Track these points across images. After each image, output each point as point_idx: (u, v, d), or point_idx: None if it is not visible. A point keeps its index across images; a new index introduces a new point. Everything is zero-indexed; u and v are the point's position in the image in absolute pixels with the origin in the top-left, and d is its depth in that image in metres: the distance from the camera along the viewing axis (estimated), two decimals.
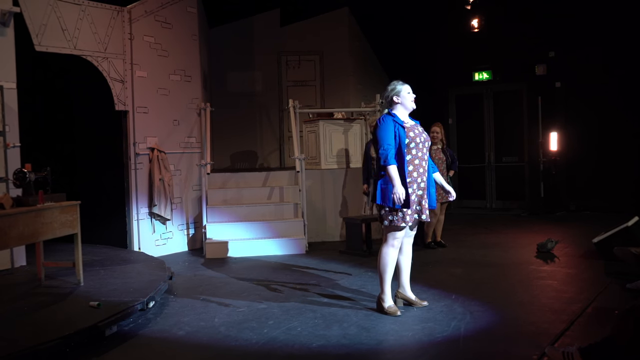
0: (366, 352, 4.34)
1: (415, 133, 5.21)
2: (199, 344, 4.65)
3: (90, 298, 5.46)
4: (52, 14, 7.42)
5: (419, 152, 5.20)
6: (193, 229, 9.09)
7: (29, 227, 5.47)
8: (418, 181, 5.21)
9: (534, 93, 12.43)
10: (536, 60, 12.29)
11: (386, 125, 5.19)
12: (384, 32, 12.66)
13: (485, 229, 10.21)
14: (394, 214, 5.13)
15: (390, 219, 5.15)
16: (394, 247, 5.28)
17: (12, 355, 4.08)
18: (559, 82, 12.14)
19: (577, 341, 4.17)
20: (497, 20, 12.44)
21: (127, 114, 8.27)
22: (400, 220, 5.13)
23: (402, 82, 5.38)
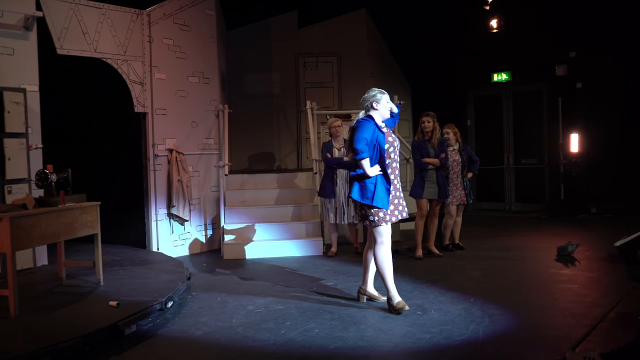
0: (383, 354, 4.35)
1: (392, 138, 5.56)
2: (216, 344, 4.69)
3: (110, 298, 5.53)
4: (74, 18, 7.53)
5: (395, 155, 5.54)
6: (211, 230, 9.15)
7: (50, 227, 5.54)
8: (395, 183, 5.51)
9: (554, 94, 12.33)
10: (556, 60, 12.17)
11: (367, 126, 5.41)
12: (402, 33, 12.64)
13: (504, 232, 10.16)
14: (374, 213, 5.38)
15: (371, 219, 5.41)
16: (384, 245, 5.49)
17: (35, 353, 4.16)
18: (580, 82, 12.00)
19: (599, 346, 4.14)
20: (517, 20, 12.33)
21: (146, 116, 8.35)
22: (381, 220, 5.39)
23: (381, 90, 5.61)
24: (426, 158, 7.89)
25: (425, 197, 7.95)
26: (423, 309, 5.46)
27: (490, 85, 13.23)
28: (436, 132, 7.95)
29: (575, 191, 12.04)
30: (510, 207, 13.11)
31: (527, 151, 12.93)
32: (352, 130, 5.57)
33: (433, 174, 7.92)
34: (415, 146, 8.04)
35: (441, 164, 7.93)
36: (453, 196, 8.28)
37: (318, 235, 8.60)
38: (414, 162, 8.10)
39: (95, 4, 7.78)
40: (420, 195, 7.93)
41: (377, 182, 5.38)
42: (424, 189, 7.89)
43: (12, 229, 5.01)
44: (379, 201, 5.34)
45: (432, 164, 7.87)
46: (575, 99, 12.08)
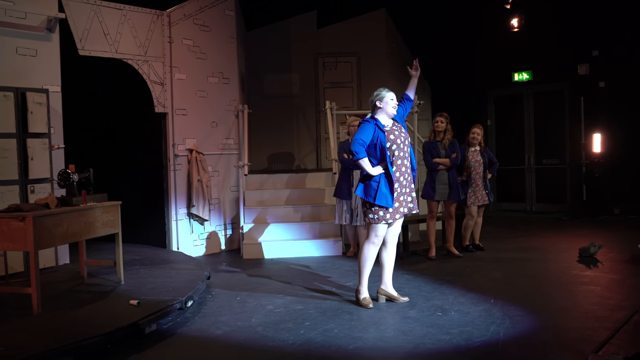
0: (403, 355, 4.33)
1: (395, 135, 5.54)
2: (236, 344, 4.70)
3: (131, 296, 5.58)
4: (95, 19, 7.60)
5: (400, 152, 5.51)
6: (230, 229, 9.18)
7: (72, 226, 5.60)
8: (401, 180, 5.51)
9: (576, 93, 12.20)
10: (579, 59, 12.03)
11: (366, 127, 5.55)
12: (421, 33, 12.58)
13: (525, 233, 10.08)
14: (374, 211, 5.46)
15: (372, 217, 5.50)
16: (374, 245, 5.60)
17: (57, 350, 4.20)
18: (602, 82, 11.85)
19: (622, 350, 4.10)
20: (538, 19, 12.22)
21: (167, 116, 8.40)
22: (381, 219, 5.46)
23: (388, 89, 5.71)
24: (437, 158, 7.87)
25: (437, 199, 7.94)
26: (443, 309, 5.43)
27: (510, 85, 13.14)
28: (448, 133, 7.95)
29: (598, 192, 11.89)
30: (531, 207, 13.00)
31: (549, 151, 12.82)
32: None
33: (444, 175, 7.90)
34: (426, 147, 8.04)
35: (452, 164, 7.91)
36: (475, 197, 8.23)
37: (337, 235, 8.60)
38: (425, 163, 8.08)
39: (116, 5, 7.85)
40: (432, 197, 7.91)
41: (380, 181, 5.44)
42: (435, 190, 7.87)
43: (35, 228, 5.07)
44: (382, 200, 5.42)
45: (442, 164, 7.85)
46: (598, 98, 11.93)
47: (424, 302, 5.73)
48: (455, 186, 7.92)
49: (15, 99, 6.72)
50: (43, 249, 5.64)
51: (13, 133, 6.71)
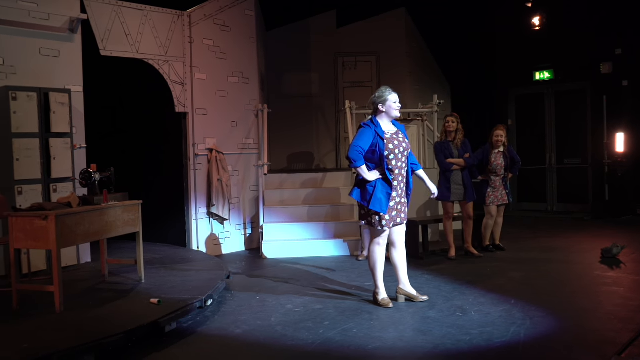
0: (422, 355, 4.31)
1: (394, 144, 5.48)
2: (255, 343, 4.71)
3: (151, 295, 5.61)
4: (117, 20, 7.67)
5: (398, 162, 5.49)
6: (250, 229, 9.21)
7: (93, 225, 5.65)
8: (397, 189, 5.52)
9: (598, 92, 12.03)
10: (601, 58, 11.87)
11: (365, 133, 5.49)
12: (442, 32, 12.53)
13: (546, 233, 9.98)
14: (371, 216, 5.48)
15: (369, 220, 5.52)
16: (379, 245, 5.61)
17: (79, 348, 4.24)
18: (625, 80, 11.69)
19: None
20: (559, 18, 12.10)
21: (187, 116, 8.45)
22: (377, 224, 5.47)
23: (391, 90, 5.59)
24: (450, 159, 7.83)
25: (452, 200, 7.90)
26: (463, 310, 5.40)
27: (532, 84, 13.02)
28: (460, 132, 7.91)
29: (621, 192, 11.73)
30: (552, 207, 12.87)
31: (570, 151, 12.67)
32: None
33: (458, 175, 7.86)
34: (438, 148, 7.97)
35: (466, 165, 7.87)
36: (494, 196, 8.17)
37: (356, 235, 8.58)
38: (438, 163, 8.02)
39: (137, 6, 7.91)
40: (447, 198, 7.86)
41: (376, 186, 5.44)
42: (450, 190, 7.83)
43: (57, 226, 5.13)
44: (377, 205, 5.40)
45: (456, 164, 7.81)
46: (621, 97, 11.77)
47: (444, 302, 5.69)
48: (469, 186, 7.88)
49: (38, 99, 6.80)
50: (65, 248, 5.68)
51: (36, 133, 6.79)
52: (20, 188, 6.67)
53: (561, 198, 12.80)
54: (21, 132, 6.68)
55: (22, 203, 6.47)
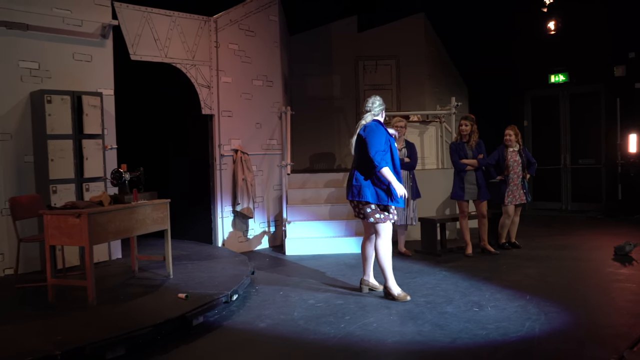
0: (440, 349, 4.30)
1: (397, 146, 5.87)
2: (279, 336, 4.73)
3: (179, 290, 5.66)
4: (146, 25, 7.72)
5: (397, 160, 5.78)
6: (274, 226, 9.22)
7: (124, 222, 5.71)
8: None
9: (612, 94, 11.90)
10: (615, 61, 11.75)
11: (380, 132, 5.68)
12: (459, 36, 12.47)
13: (561, 231, 9.87)
14: (383, 212, 5.65)
15: (378, 217, 5.66)
16: (389, 240, 5.77)
17: (111, 340, 4.30)
18: (639, 83, 11.56)
19: None
20: (574, 22, 11.97)
21: (213, 118, 8.48)
22: (386, 218, 5.68)
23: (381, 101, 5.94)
24: (464, 159, 7.79)
25: (467, 199, 7.88)
26: (479, 305, 5.37)
27: (547, 87, 12.91)
28: (474, 134, 7.91)
29: (633, 191, 11.57)
30: (566, 206, 12.74)
31: (584, 151, 12.53)
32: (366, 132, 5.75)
33: (472, 175, 7.84)
34: (453, 148, 7.97)
35: (480, 165, 7.84)
36: (512, 196, 8.10)
37: None
38: (453, 163, 8.00)
39: (166, 12, 7.96)
40: (462, 197, 7.86)
41: (390, 184, 5.57)
42: (464, 190, 7.81)
43: (89, 224, 5.19)
44: (399, 201, 5.61)
45: (470, 164, 7.79)
46: (634, 99, 11.62)
47: (461, 298, 5.67)
48: (483, 186, 7.86)
49: (71, 102, 6.88)
50: (97, 244, 5.74)
51: (70, 134, 6.87)
52: (55, 187, 6.75)
53: (575, 197, 12.67)
54: (55, 134, 6.77)
55: (56, 202, 6.55)
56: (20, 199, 6.33)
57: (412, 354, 4.23)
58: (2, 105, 6.75)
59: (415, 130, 9.77)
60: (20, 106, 6.87)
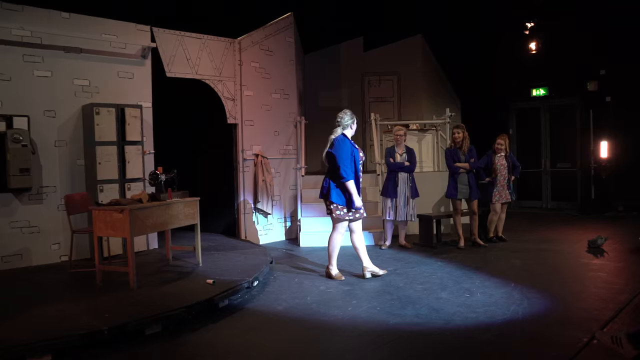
0: (436, 329, 4.32)
1: (362, 154, 6.00)
2: (294, 317, 4.76)
3: (207, 276, 5.71)
4: (179, 47, 7.79)
5: (360, 167, 5.97)
6: (290, 221, 9.25)
7: (160, 217, 5.77)
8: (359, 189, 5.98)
9: (586, 107, 11.91)
10: (588, 77, 11.78)
11: (346, 147, 5.89)
12: (452, 55, 12.45)
13: (541, 227, 9.83)
14: (342, 211, 5.90)
15: (339, 214, 5.93)
16: (341, 234, 6.08)
17: (149, 318, 4.37)
18: (609, 97, 11.56)
19: (625, 327, 4.02)
20: (553, 43, 12.03)
21: (237, 126, 8.53)
22: (345, 216, 5.92)
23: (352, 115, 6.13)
24: (458, 163, 7.81)
25: (459, 197, 7.88)
26: (470, 292, 5.38)
27: (529, 100, 12.90)
28: (466, 140, 7.91)
29: (605, 191, 11.56)
30: (546, 205, 12.69)
31: (562, 156, 12.51)
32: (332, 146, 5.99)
33: (464, 177, 7.85)
34: (448, 154, 7.99)
35: (471, 168, 7.85)
36: (499, 195, 8.11)
37: (380, 227, 8.57)
38: (448, 167, 8.02)
39: (197, 35, 8.02)
40: (454, 196, 7.87)
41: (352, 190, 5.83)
42: (458, 190, 7.82)
43: (131, 218, 5.26)
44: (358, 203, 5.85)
45: (463, 167, 7.80)
46: (605, 111, 11.61)
47: (454, 285, 5.68)
48: (474, 186, 7.87)
49: (116, 113, 6.96)
50: (137, 236, 5.82)
51: (114, 141, 6.95)
52: (102, 187, 6.83)
53: (554, 197, 12.65)
54: (103, 141, 6.85)
55: (103, 199, 6.64)
56: (74, 197, 6.42)
57: (411, 333, 4.25)
58: (59, 117, 6.86)
59: (414, 137, 9.78)
60: (74, 117, 6.97)
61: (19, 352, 3.74)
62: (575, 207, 12.04)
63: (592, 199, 11.70)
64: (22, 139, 6.38)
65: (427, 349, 3.96)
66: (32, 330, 4.08)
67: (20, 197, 6.59)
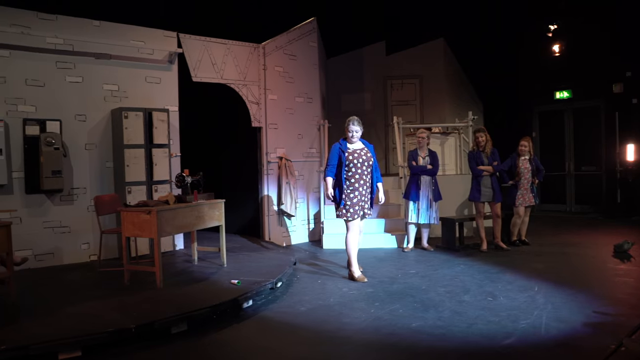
0: (458, 332, 4.28)
1: (354, 156, 6.07)
2: (317, 319, 4.75)
3: (232, 277, 5.74)
4: (205, 52, 7.87)
5: (358, 170, 6.03)
6: (313, 223, 9.26)
7: (186, 219, 5.83)
8: (360, 190, 6.03)
9: (611, 109, 11.64)
10: (614, 79, 11.51)
11: (332, 150, 6.18)
12: (475, 58, 12.37)
13: (565, 230, 9.67)
14: (341, 210, 6.05)
15: (337, 213, 6.10)
16: (353, 233, 6.12)
17: (175, 317, 4.41)
18: (635, 98, 11.29)
19: None
20: (576, 45, 11.82)
21: (261, 130, 8.57)
22: (344, 215, 6.03)
23: (353, 121, 6.23)
24: (481, 166, 7.73)
25: (482, 200, 7.79)
26: (493, 295, 5.32)
27: (553, 102, 12.68)
28: (489, 143, 7.84)
29: (631, 195, 11.28)
30: (570, 208, 12.47)
31: (586, 159, 12.26)
32: None
33: (487, 180, 7.77)
34: (471, 156, 7.92)
35: (494, 171, 7.78)
36: (523, 198, 8.01)
37: (403, 230, 8.53)
38: (470, 170, 7.94)
39: (222, 41, 8.09)
40: (478, 199, 7.79)
41: (336, 191, 6.09)
42: (481, 192, 7.74)
43: (158, 219, 5.32)
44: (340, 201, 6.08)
45: (486, 170, 7.73)
46: (631, 113, 11.35)
47: (477, 288, 5.62)
48: (497, 189, 7.79)
49: (144, 117, 7.06)
50: (164, 237, 5.87)
51: (142, 144, 7.05)
52: (130, 188, 6.93)
53: (578, 200, 12.40)
54: (131, 144, 6.95)
55: (130, 200, 6.73)
56: (103, 198, 6.53)
57: (433, 337, 4.21)
58: (90, 121, 7.00)
59: (437, 140, 9.71)
60: (104, 121, 7.09)
61: (51, 348, 3.82)
62: (600, 211, 11.80)
63: (618, 203, 11.45)
64: (55, 142, 6.51)
65: (449, 352, 3.92)
66: (63, 326, 4.16)
67: (52, 198, 6.73)
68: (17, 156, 6.49)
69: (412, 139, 9.72)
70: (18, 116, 6.48)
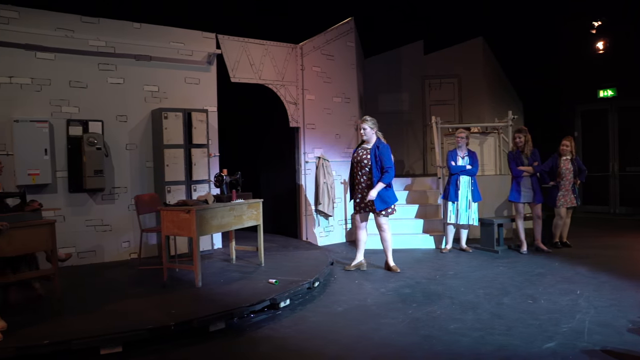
0: (498, 335, 4.16)
1: (358, 158, 6.49)
2: (354, 319, 4.71)
3: (269, 276, 5.75)
4: (243, 53, 7.92)
5: (360, 170, 6.50)
6: (350, 224, 9.22)
7: (224, 218, 5.86)
8: (361, 188, 6.51)
9: None
10: None
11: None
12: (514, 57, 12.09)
13: (609, 232, 9.34)
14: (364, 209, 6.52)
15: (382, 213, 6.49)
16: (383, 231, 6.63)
17: (213, 315, 4.43)
18: None
19: None
20: (622, 41, 11.38)
21: (299, 130, 8.58)
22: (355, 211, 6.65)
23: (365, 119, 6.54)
24: (521, 166, 7.53)
25: (523, 201, 7.60)
26: (533, 298, 5.17)
27: (596, 101, 12.27)
28: (528, 144, 7.65)
29: None
30: (614, 210, 12.03)
31: (632, 159, 11.81)
32: None
33: (528, 180, 7.57)
34: (511, 157, 7.74)
35: (535, 171, 7.57)
36: (564, 199, 7.78)
37: (441, 231, 8.40)
38: (510, 170, 7.75)
39: (260, 42, 8.13)
40: (518, 200, 7.60)
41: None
42: (521, 193, 7.55)
43: (197, 219, 5.37)
44: None
45: (526, 171, 7.53)
46: None
47: (516, 291, 5.47)
48: (537, 190, 7.58)
49: (183, 117, 7.15)
50: (202, 236, 5.92)
51: (181, 144, 7.14)
52: (169, 188, 7.03)
53: (623, 202, 11.95)
54: (170, 144, 7.05)
55: (170, 199, 6.82)
56: (143, 197, 6.64)
57: (472, 338, 4.12)
58: (130, 121, 7.12)
59: (476, 140, 9.53)
60: (144, 121, 7.21)
61: (94, 343, 3.89)
62: None
63: None
64: (97, 142, 6.66)
65: (488, 355, 3.82)
66: (105, 323, 4.23)
67: (94, 197, 6.88)
68: (61, 156, 6.67)
69: (450, 139, 9.57)
70: (62, 117, 6.65)
